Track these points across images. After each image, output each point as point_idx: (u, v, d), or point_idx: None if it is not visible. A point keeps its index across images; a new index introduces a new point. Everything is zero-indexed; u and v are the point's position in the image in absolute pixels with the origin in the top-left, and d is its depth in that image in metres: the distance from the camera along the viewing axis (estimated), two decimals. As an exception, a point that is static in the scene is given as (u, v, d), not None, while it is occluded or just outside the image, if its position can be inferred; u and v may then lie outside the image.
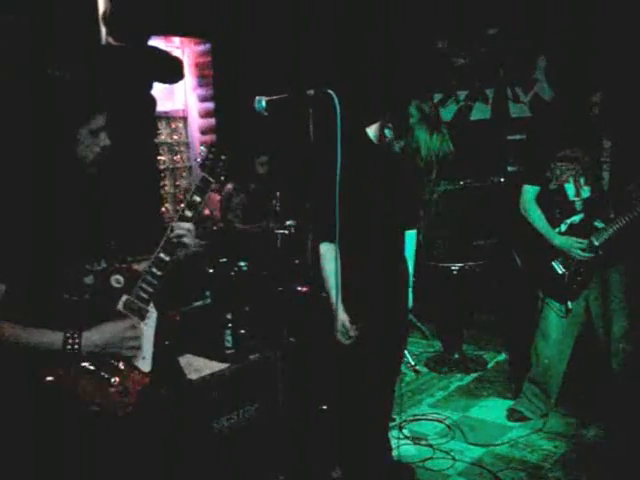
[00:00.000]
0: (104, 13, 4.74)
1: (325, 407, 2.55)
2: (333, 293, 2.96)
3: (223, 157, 2.43)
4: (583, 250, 3.90)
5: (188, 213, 2.37)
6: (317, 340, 3.00)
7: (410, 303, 3.43)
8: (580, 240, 3.91)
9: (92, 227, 2.28)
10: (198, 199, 2.38)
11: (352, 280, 2.96)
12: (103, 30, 4.75)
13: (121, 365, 2.21)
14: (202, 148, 2.45)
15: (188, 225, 2.36)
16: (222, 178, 2.45)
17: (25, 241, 2.08)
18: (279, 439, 3.55)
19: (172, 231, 2.33)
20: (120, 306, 2.25)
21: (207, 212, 5.71)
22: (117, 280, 2.27)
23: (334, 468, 3.32)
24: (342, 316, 2.98)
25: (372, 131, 3.12)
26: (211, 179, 2.41)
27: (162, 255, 2.31)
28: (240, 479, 3.34)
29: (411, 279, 3.43)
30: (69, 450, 2.11)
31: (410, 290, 3.42)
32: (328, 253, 2.98)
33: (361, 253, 3.03)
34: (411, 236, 3.43)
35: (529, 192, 4.08)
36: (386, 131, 3.02)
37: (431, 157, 2.93)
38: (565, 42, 5.71)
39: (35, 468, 2.12)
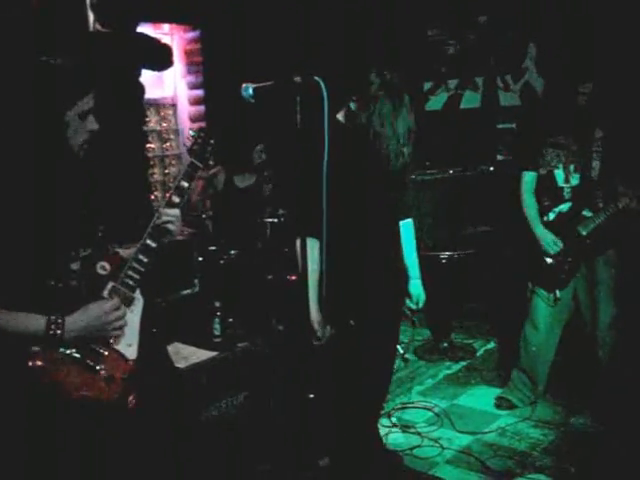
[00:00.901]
0: (92, -1, 4.70)
1: (312, 396, 2.53)
2: (311, 291, 2.85)
3: (211, 142, 2.41)
4: (554, 252, 3.94)
5: (176, 199, 2.36)
6: (305, 328, 2.97)
7: (423, 297, 3.37)
8: (557, 240, 3.93)
9: (79, 213, 2.26)
10: (186, 184, 2.37)
11: (343, 274, 2.92)
12: (91, 16, 4.70)
13: (106, 352, 2.20)
14: (191, 133, 2.43)
15: (174, 211, 2.34)
16: (210, 163, 2.43)
17: (10, 226, 2.06)
18: (267, 427, 3.56)
19: (159, 217, 2.31)
20: (106, 293, 2.23)
21: (195, 198, 5.68)
22: (103, 267, 2.25)
23: (322, 456, 3.32)
24: (315, 315, 2.93)
25: (341, 114, 3.08)
26: (199, 164, 2.39)
27: (149, 242, 2.30)
28: (228, 467, 3.34)
29: (418, 271, 3.37)
30: (56, 440, 2.10)
31: (420, 282, 3.37)
32: (311, 250, 2.81)
33: (350, 247, 2.96)
34: (408, 225, 3.37)
35: (528, 181, 4.07)
36: (350, 104, 2.98)
37: (397, 139, 2.88)
38: (555, 31, 5.70)
39: (23, 459, 2.12)
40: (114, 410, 2.18)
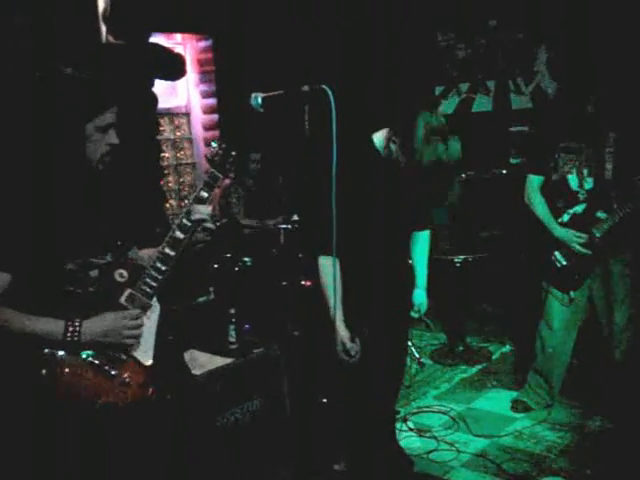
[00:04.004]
0: (104, 11, 4.75)
1: (325, 400, 2.55)
2: (332, 308, 2.88)
3: (233, 153, 2.42)
4: (582, 245, 3.90)
5: (194, 208, 2.36)
6: (320, 334, 2.99)
7: (425, 307, 3.39)
8: (579, 234, 3.91)
9: (97, 222, 2.29)
10: (205, 195, 2.38)
11: (354, 287, 2.94)
12: (103, 28, 4.76)
13: (123, 357, 2.23)
14: (213, 144, 2.43)
15: (205, 209, 2.36)
16: (231, 175, 2.44)
17: (30, 233, 2.10)
18: (283, 433, 3.57)
19: (180, 224, 2.33)
20: (123, 299, 2.27)
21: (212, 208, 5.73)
22: (121, 274, 2.29)
23: (337, 461, 3.34)
24: (343, 333, 2.92)
25: (378, 139, 3.03)
26: (220, 175, 2.39)
27: (167, 250, 2.32)
28: (244, 473, 3.36)
29: (425, 281, 3.39)
30: (69, 444, 2.14)
31: (424, 293, 3.38)
32: (327, 268, 2.86)
33: (363, 261, 2.97)
34: (424, 238, 3.40)
35: (533, 182, 4.08)
36: (391, 145, 2.94)
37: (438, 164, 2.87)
38: (565, 34, 5.69)
39: (34, 460, 2.15)
40: (127, 415, 2.22)
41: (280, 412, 3.58)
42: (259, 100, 2.46)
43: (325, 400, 2.54)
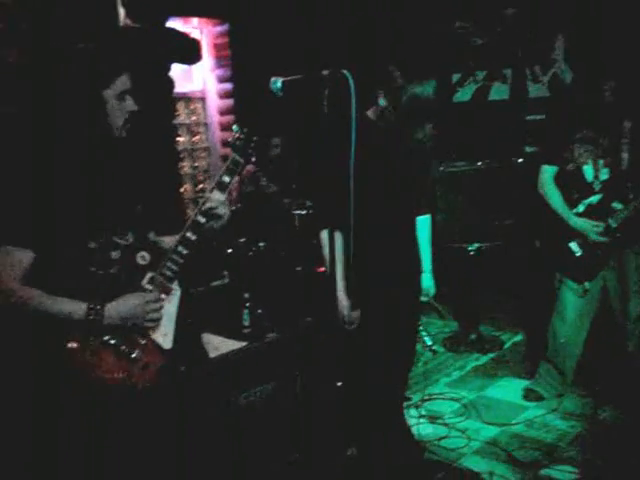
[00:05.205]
0: (123, -6, 4.76)
1: (340, 384, 2.57)
2: (338, 279, 3.02)
3: (255, 138, 2.41)
4: (599, 234, 3.89)
5: (216, 194, 2.36)
6: (332, 319, 3.01)
7: (433, 290, 3.44)
8: (596, 223, 3.90)
9: (119, 196, 2.30)
10: (227, 179, 2.37)
11: (362, 267, 2.96)
12: (121, 11, 4.76)
13: (142, 340, 2.26)
14: (234, 128, 2.42)
15: (220, 196, 2.35)
16: (252, 159, 2.43)
17: (54, 211, 2.12)
18: (295, 417, 3.59)
19: (201, 209, 2.33)
20: (145, 282, 2.28)
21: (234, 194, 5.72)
22: (143, 257, 2.30)
23: (350, 446, 3.35)
24: (344, 303, 3.04)
25: (372, 112, 3.09)
26: (241, 160, 2.39)
27: (189, 234, 2.33)
28: (257, 457, 3.38)
29: (430, 264, 3.42)
30: (85, 423, 2.17)
31: (431, 276, 3.43)
32: (325, 240, 3.03)
33: (368, 240, 2.96)
34: (424, 221, 3.42)
35: (547, 172, 4.07)
36: (380, 100, 3.00)
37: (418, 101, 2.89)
38: (583, 23, 5.65)
39: (45, 439, 2.18)
40: (145, 397, 2.24)
41: (293, 396, 3.60)
42: (279, 84, 2.45)
43: (340, 384, 2.54)
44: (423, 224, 3.41)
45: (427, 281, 3.42)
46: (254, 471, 3.33)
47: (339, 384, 2.54)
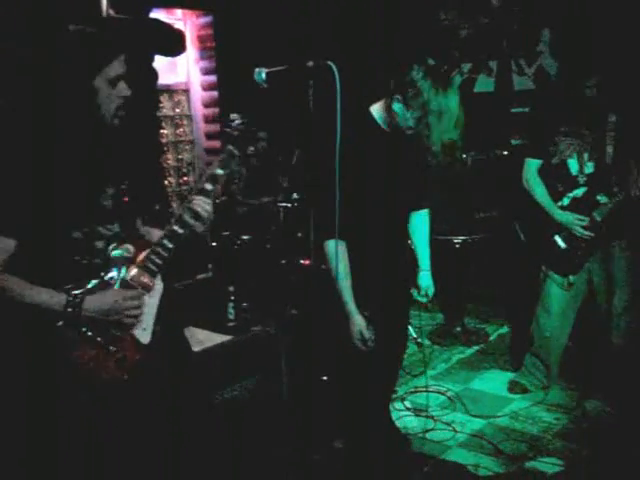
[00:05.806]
0: (105, -16, 4.70)
1: (326, 378, 2.55)
2: (346, 295, 2.81)
3: (252, 129, 2.39)
4: (584, 227, 3.89)
5: (208, 186, 2.32)
6: (318, 312, 2.98)
7: (432, 290, 3.28)
8: (581, 217, 3.90)
9: (106, 185, 2.26)
10: (220, 172, 2.33)
11: (357, 267, 2.87)
12: (104, 1, 4.71)
13: (121, 335, 2.23)
14: (232, 117, 2.38)
15: (206, 199, 2.31)
16: (249, 151, 2.39)
17: (37, 199, 2.08)
18: (281, 410, 3.58)
19: (190, 204, 2.30)
20: (128, 277, 2.25)
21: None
22: (127, 249, 2.27)
23: (336, 438, 3.34)
24: (360, 322, 2.82)
25: (377, 111, 2.88)
26: (236, 152, 2.36)
27: (176, 228, 2.29)
28: (242, 451, 3.37)
29: (428, 262, 3.29)
30: (65, 417, 2.14)
31: (429, 274, 3.29)
32: (339, 252, 2.73)
33: (365, 243, 2.90)
34: (424, 217, 3.30)
35: (532, 165, 4.06)
36: (394, 105, 2.74)
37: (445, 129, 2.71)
38: (569, 15, 5.64)
39: (29, 432, 2.16)
40: (122, 392, 2.21)
41: (278, 389, 3.59)
42: (263, 75, 2.42)
43: (325, 378, 2.53)
44: (422, 219, 3.29)
45: (426, 280, 3.27)
46: (239, 465, 3.31)
47: (324, 378, 2.53)
